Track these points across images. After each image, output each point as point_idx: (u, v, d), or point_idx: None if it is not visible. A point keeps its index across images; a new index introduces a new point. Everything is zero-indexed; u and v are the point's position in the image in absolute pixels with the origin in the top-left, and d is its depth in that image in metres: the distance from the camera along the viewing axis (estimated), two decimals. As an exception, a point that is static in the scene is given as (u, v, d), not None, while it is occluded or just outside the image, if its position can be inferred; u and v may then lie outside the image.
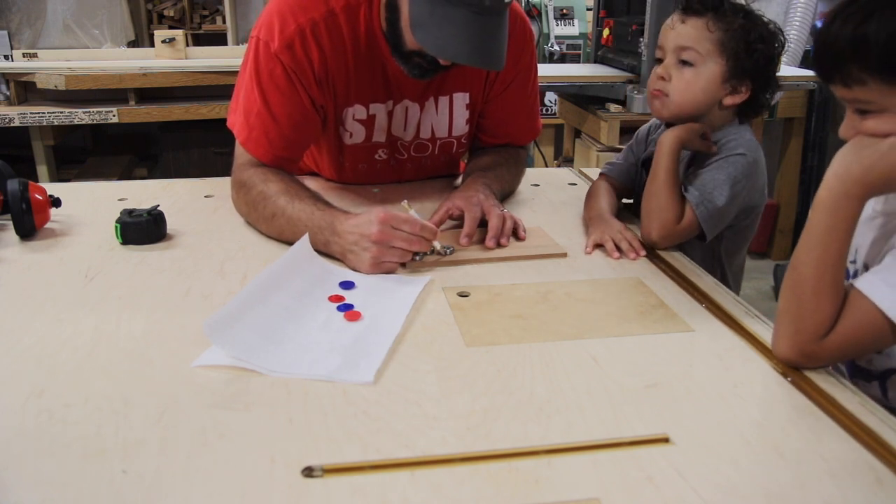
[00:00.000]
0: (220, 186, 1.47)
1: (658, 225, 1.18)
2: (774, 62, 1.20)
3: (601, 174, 1.41)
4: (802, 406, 0.76)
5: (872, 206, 0.96)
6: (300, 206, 1.17)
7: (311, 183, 1.35)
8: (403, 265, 1.10)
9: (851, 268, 0.99)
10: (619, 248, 1.18)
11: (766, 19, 1.20)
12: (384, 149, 1.45)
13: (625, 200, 1.42)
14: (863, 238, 0.97)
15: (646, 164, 1.35)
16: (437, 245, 1.11)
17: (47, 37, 3.46)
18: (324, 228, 1.12)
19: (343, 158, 1.45)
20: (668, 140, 1.19)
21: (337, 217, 1.11)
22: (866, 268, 0.93)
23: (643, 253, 1.18)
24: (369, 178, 1.50)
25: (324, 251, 1.12)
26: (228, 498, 0.62)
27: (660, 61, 1.24)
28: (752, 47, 1.17)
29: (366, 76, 1.32)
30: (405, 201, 1.14)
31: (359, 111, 1.36)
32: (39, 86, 2.79)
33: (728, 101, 1.21)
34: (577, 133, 2.86)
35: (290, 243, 1.10)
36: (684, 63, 1.19)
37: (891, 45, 0.77)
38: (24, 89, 2.95)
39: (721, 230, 1.22)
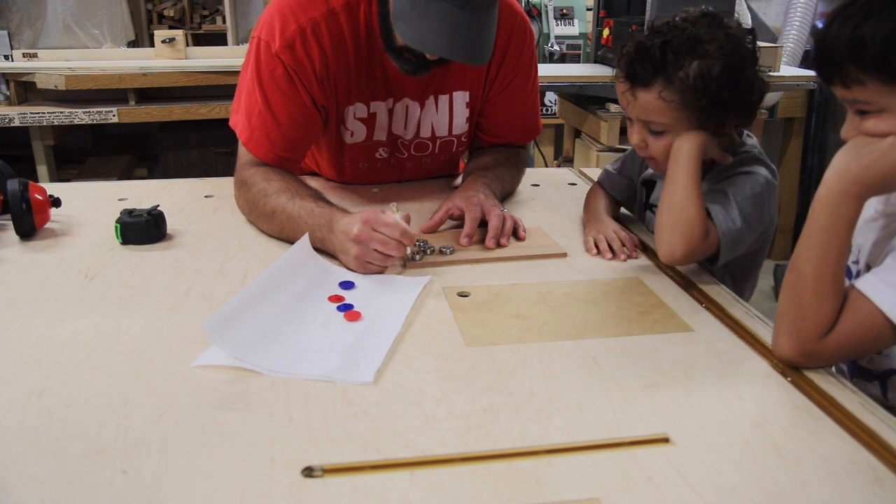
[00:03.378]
0: (220, 186, 1.47)
1: (684, 241, 1.03)
2: (748, 75, 1.07)
3: (599, 183, 1.36)
4: (802, 406, 0.76)
5: (875, 206, 0.96)
6: (300, 203, 1.17)
7: (311, 183, 1.35)
8: (403, 265, 1.10)
9: (854, 268, 0.99)
10: (611, 249, 1.16)
11: (725, 22, 1.07)
12: (385, 147, 1.45)
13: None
14: (865, 239, 0.97)
15: (646, 183, 1.32)
16: (408, 251, 1.11)
17: (47, 37, 3.46)
18: (322, 226, 1.12)
19: (343, 158, 1.45)
20: (688, 145, 1.06)
21: (335, 215, 1.12)
22: (868, 268, 0.93)
23: (636, 255, 1.16)
24: (370, 178, 1.50)
25: (321, 248, 1.12)
26: (228, 498, 0.62)
27: (629, 118, 1.14)
28: (716, 90, 1.04)
29: (366, 74, 1.32)
30: (393, 204, 1.12)
31: (360, 109, 1.36)
32: (39, 86, 2.79)
33: (718, 135, 1.10)
34: (577, 133, 2.85)
35: (291, 241, 1.11)
36: (656, 132, 1.10)
37: (887, 46, 0.78)
38: (24, 89, 2.94)
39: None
